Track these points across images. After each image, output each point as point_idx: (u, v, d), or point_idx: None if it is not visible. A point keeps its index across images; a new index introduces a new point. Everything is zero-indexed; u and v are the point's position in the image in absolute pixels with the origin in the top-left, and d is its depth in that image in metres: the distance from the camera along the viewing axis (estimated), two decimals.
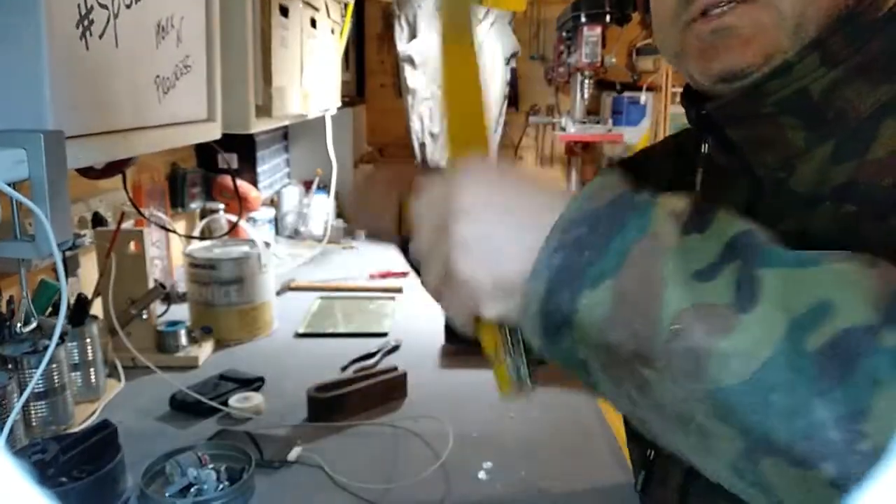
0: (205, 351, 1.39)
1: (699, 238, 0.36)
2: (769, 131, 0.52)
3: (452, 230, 0.41)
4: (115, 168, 1.10)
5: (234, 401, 1.17)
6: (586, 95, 2.62)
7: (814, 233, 0.48)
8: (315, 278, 1.95)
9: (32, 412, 1.04)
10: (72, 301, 1.19)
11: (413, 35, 2.25)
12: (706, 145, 0.59)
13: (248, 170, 2.19)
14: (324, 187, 2.47)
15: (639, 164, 0.76)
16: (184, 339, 1.38)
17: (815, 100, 0.49)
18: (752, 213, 0.50)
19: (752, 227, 0.37)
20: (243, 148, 2.16)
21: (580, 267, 0.37)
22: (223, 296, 1.47)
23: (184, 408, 1.17)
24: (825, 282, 0.34)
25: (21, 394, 0.95)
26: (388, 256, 2.24)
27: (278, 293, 1.75)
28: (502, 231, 0.40)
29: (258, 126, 1.27)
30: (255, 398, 1.18)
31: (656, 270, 0.35)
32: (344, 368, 1.35)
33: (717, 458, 0.36)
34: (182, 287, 1.64)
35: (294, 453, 1.02)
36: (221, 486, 0.91)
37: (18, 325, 1.05)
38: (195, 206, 2.01)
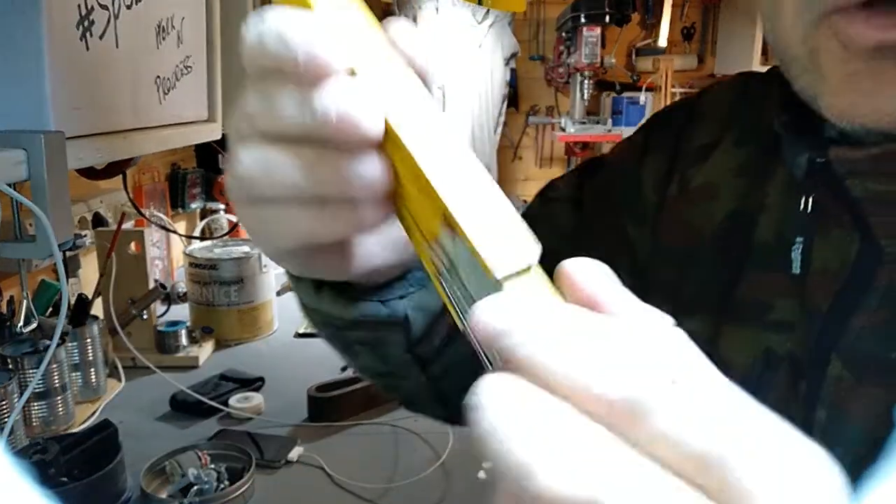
0: (205, 351, 1.39)
1: None
2: None
3: None
4: (116, 168, 1.10)
5: (234, 401, 1.17)
6: (586, 96, 2.62)
7: None
8: None
9: (33, 412, 1.04)
10: (72, 301, 1.19)
11: None
12: (809, 199, 0.40)
13: None
14: None
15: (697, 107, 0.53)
16: (184, 339, 1.37)
17: None
18: (856, 280, 0.38)
19: None
20: None
21: None
22: (223, 296, 1.47)
23: (184, 408, 1.17)
24: None
25: (21, 394, 0.95)
26: None
27: (279, 293, 1.74)
28: None
29: None
30: (256, 398, 1.18)
31: None
32: (344, 368, 1.35)
33: None
34: (182, 287, 1.64)
35: (294, 453, 1.02)
36: (222, 486, 0.91)
37: (19, 325, 1.05)
38: (195, 206, 2.00)
